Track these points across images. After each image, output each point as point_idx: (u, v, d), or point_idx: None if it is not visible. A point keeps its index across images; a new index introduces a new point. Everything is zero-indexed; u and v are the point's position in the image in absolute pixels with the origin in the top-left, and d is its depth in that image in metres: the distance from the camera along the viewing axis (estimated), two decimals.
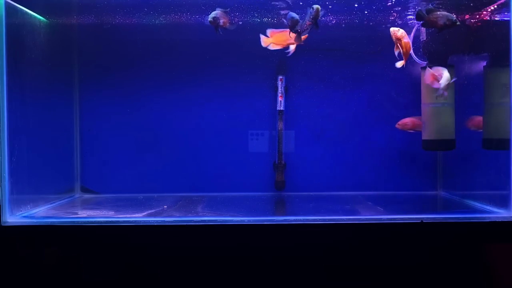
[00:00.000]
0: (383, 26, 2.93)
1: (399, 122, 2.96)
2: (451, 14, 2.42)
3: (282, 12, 2.75)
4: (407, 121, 2.96)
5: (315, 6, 2.37)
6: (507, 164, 2.36)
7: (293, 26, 2.44)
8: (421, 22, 2.50)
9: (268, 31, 2.57)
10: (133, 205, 2.80)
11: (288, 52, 2.57)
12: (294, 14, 2.43)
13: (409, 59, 2.94)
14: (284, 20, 2.50)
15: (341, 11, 2.78)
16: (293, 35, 2.45)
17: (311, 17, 2.37)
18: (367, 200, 2.93)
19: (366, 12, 2.80)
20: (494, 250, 2.57)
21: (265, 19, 2.86)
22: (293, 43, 2.52)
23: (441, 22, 2.43)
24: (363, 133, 3.15)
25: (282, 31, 2.54)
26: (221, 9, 2.48)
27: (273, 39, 2.55)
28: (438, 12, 2.44)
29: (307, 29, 2.43)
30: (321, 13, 2.38)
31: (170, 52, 3.09)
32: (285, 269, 2.52)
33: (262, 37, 2.56)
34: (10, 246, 2.32)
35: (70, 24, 3.01)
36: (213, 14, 2.45)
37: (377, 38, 3.04)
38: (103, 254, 2.51)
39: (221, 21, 2.45)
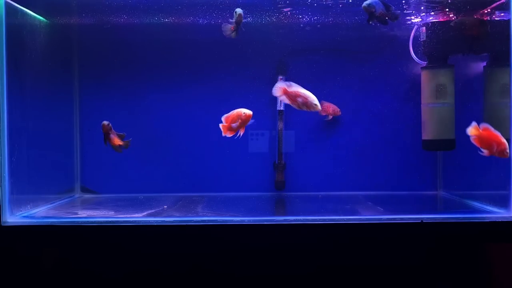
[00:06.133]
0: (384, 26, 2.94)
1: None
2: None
3: (285, 9, 2.76)
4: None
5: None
6: (507, 164, 2.36)
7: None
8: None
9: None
10: (133, 205, 2.80)
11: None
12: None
13: (409, 59, 2.97)
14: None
15: (341, 11, 2.78)
16: None
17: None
18: (367, 200, 2.93)
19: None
20: (494, 250, 2.57)
21: (266, 18, 2.87)
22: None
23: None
24: (363, 133, 3.15)
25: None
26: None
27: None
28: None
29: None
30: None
31: (170, 52, 3.09)
32: (285, 269, 2.52)
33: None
34: (10, 246, 2.31)
35: (70, 24, 3.01)
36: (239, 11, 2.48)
37: (377, 38, 3.05)
38: (103, 254, 2.51)
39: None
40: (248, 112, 2.44)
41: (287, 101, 2.51)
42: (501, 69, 2.52)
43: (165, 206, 2.71)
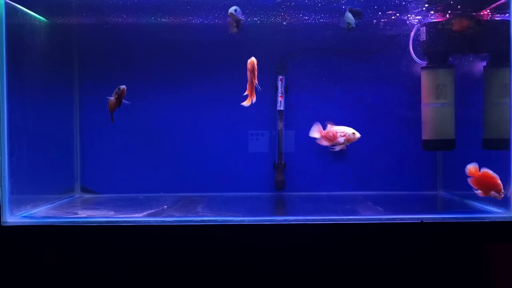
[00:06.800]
0: (384, 26, 2.94)
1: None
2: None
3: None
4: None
5: (349, 24, 2.52)
6: (507, 164, 2.36)
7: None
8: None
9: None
10: (133, 205, 2.80)
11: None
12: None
13: (409, 59, 2.97)
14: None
15: (341, 11, 2.78)
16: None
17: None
18: (367, 200, 2.93)
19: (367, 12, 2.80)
20: (494, 250, 2.57)
21: (266, 17, 2.87)
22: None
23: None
24: (363, 133, 3.14)
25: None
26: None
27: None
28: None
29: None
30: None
31: (170, 52, 3.09)
32: (285, 269, 2.52)
33: None
34: (10, 246, 2.32)
35: (70, 24, 3.01)
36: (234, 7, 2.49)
37: (377, 38, 3.05)
38: (103, 254, 2.51)
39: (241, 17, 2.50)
40: (250, 59, 2.45)
41: (325, 143, 2.58)
42: (501, 69, 2.52)
43: (165, 206, 2.71)
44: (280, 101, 3.10)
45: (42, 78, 2.74)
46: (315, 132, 2.62)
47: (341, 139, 2.57)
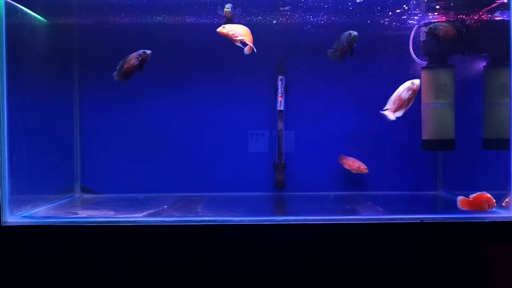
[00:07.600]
0: (383, 25, 2.94)
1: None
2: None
3: (282, 8, 2.76)
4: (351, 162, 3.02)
5: (353, 33, 2.47)
6: (507, 164, 2.36)
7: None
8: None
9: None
10: (133, 205, 2.80)
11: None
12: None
13: (409, 59, 2.96)
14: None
15: (341, 10, 2.78)
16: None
17: (347, 41, 2.50)
18: (367, 200, 2.93)
19: (366, 11, 2.80)
20: (494, 250, 2.57)
21: (265, 18, 2.87)
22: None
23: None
24: (363, 133, 3.15)
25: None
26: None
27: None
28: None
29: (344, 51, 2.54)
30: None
31: (170, 52, 3.08)
32: (285, 269, 2.52)
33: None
34: (10, 246, 2.31)
35: (70, 24, 3.01)
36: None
37: (376, 38, 3.04)
38: (103, 254, 2.51)
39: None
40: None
41: (403, 111, 2.48)
42: (501, 69, 2.52)
43: (165, 206, 2.71)
44: (280, 101, 3.10)
45: (42, 78, 2.74)
46: (390, 113, 2.51)
47: (407, 95, 2.47)
